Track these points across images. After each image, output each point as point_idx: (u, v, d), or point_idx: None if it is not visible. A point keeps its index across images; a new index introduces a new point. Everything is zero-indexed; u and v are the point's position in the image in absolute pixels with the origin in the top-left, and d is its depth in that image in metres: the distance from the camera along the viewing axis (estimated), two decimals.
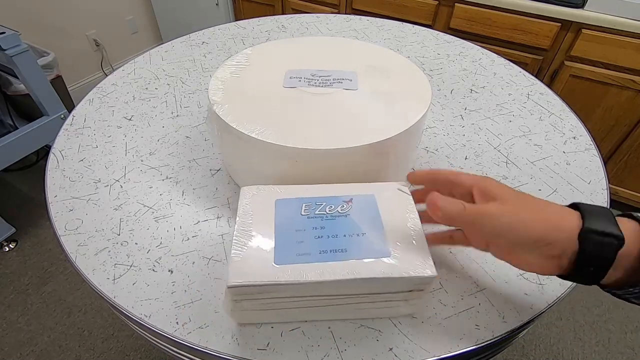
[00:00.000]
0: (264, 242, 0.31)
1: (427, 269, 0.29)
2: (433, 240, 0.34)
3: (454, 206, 0.28)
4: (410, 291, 0.31)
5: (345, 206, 0.33)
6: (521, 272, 0.38)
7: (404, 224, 0.32)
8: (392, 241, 0.31)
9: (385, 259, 0.29)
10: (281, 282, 0.28)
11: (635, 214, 0.27)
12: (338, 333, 0.33)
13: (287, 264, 0.29)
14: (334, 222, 0.32)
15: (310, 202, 0.34)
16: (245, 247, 0.30)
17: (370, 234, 0.31)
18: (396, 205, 0.34)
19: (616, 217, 0.26)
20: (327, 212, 0.33)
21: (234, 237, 0.31)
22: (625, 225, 0.25)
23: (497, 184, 0.30)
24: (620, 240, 0.24)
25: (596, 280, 0.27)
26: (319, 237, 0.31)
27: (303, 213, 0.33)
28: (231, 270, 0.29)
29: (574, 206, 0.28)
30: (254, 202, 0.34)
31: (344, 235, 0.31)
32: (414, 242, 0.31)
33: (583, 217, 0.26)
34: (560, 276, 0.28)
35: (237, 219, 0.33)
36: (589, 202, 0.45)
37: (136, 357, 1.05)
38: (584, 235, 0.25)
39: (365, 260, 0.29)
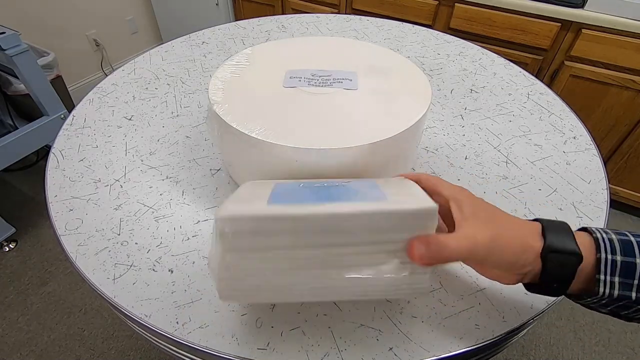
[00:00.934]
0: (260, 197, 0.29)
1: (427, 203, 0.27)
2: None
3: (441, 253, 0.27)
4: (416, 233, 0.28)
5: (344, 182, 0.34)
6: None
7: (403, 188, 0.32)
8: (390, 195, 0.29)
9: (383, 201, 0.28)
10: (275, 214, 0.26)
11: (589, 227, 0.29)
12: (338, 333, 0.33)
13: (282, 204, 0.28)
14: (332, 189, 0.32)
15: (309, 183, 0.34)
16: (241, 200, 0.30)
17: (369, 192, 0.30)
18: (396, 182, 0.34)
19: (574, 232, 0.28)
20: (326, 185, 0.33)
21: (231, 196, 0.30)
22: (581, 239, 0.27)
23: (472, 200, 0.30)
24: (578, 257, 0.26)
25: (559, 293, 0.28)
26: (316, 193, 0.30)
27: (301, 187, 0.33)
28: (224, 205, 0.27)
29: (536, 221, 0.29)
30: (253, 185, 0.35)
31: (342, 193, 0.30)
32: (412, 192, 0.30)
33: (544, 235, 0.27)
34: (525, 286, 0.30)
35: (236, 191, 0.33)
36: (588, 202, 0.45)
37: (136, 357, 1.05)
38: (546, 255, 0.27)
39: (363, 202, 0.28)
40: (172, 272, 0.38)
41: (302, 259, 0.28)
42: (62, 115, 1.24)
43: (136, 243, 0.40)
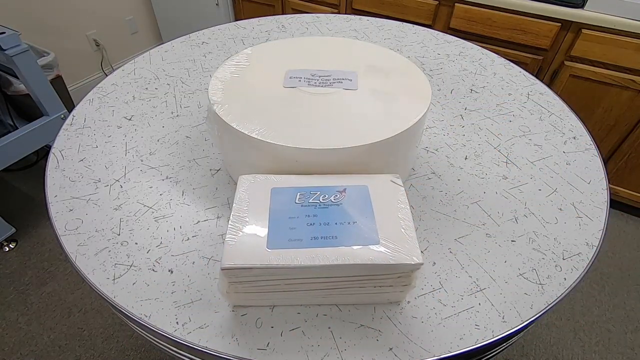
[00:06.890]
0: (258, 228, 0.32)
1: (414, 257, 0.30)
2: None
3: None
4: (398, 277, 0.31)
5: (338, 196, 0.34)
6: (521, 271, 0.38)
7: (395, 214, 0.33)
8: (381, 230, 0.32)
9: (373, 247, 0.30)
10: (272, 265, 0.29)
11: None
12: (338, 333, 0.33)
13: (279, 248, 0.30)
14: (327, 210, 0.33)
15: (305, 191, 0.35)
16: (240, 233, 0.31)
17: (361, 222, 0.32)
18: (388, 195, 0.35)
19: None
20: (321, 201, 0.34)
21: (229, 223, 0.32)
22: None
23: None
24: None
25: None
26: (311, 224, 0.32)
27: (297, 201, 0.34)
28: (225, 253, 0.30)
29: None
30: (250, 190, 0.35)
31: (336, 223, 0.32)
32: (402, 230, 0.32)
33: None
34: None
35: (234, 205, 0.34)
36: (588, 202, 0.45)
37: (136, 356, 1.05)
38: None
39: (355, 247, 0.30)
40: (172, 272, 0.38)
41: (297, 286, 0.32)
42: (62, 115, 1.24)
43: (136, 243, 0.40)
